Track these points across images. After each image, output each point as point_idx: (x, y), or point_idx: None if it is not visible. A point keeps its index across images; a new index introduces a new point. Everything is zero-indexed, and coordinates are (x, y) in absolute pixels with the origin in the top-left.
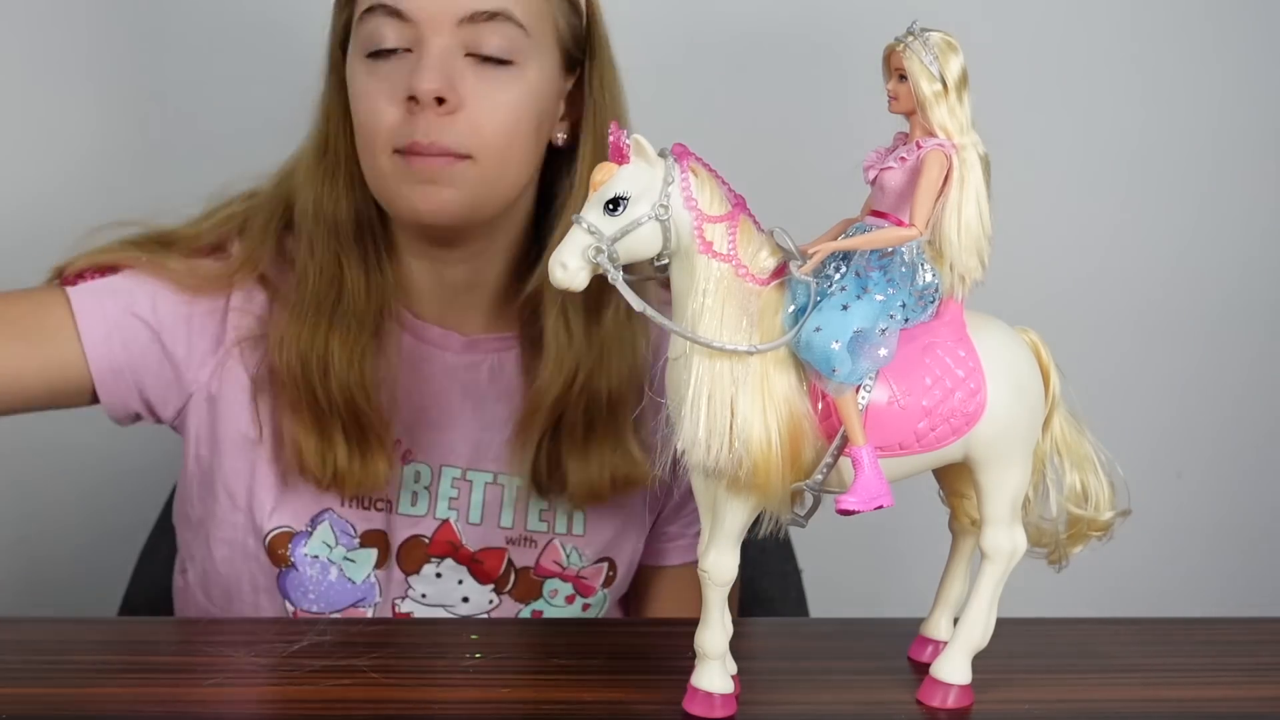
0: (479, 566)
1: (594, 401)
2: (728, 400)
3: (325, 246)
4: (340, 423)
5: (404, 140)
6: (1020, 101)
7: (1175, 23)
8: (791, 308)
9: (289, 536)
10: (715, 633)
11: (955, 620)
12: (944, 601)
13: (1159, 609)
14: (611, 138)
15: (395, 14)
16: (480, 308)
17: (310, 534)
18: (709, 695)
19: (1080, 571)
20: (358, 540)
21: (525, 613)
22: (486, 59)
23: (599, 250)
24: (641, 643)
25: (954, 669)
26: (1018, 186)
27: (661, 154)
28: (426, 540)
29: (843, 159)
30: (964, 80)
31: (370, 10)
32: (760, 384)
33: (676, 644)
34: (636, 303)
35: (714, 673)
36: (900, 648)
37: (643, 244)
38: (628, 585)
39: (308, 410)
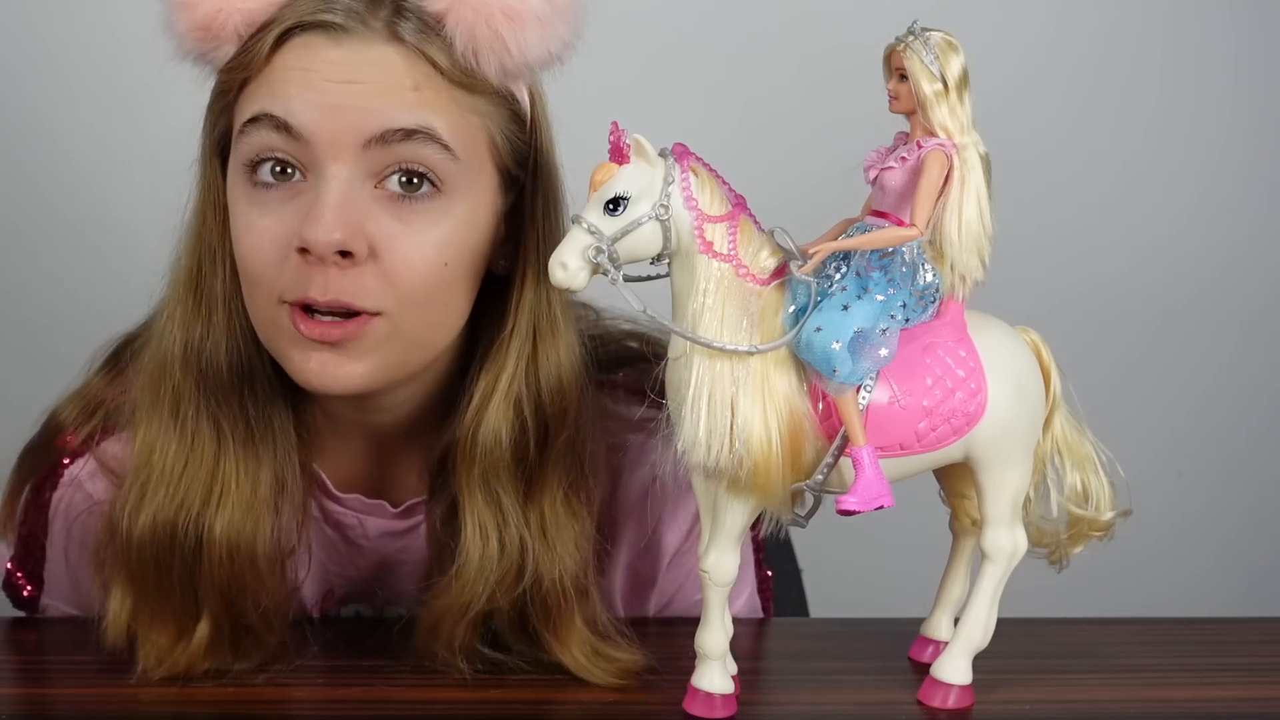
0: None
1: (536, 596)
2: (728, 400)
3: (204, 406)
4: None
5: (294, 294)
6: (1021, 101)
7: (1177, 22)
8: (792, 308)
9: None
10: (715, 633)
11: (956, 620)
12: (944, 602)
13: (1159, 609)
14: (612, 137)
15: (284, 128)
16: (406, 466)
17: None
18: (709, 695)
19: (1080, 571)
20: None
21: None
22: (404, 191)
23: (599, 250)
24: (641, 643)
25: (954, 669)
26: (1018, 186)
27: (662, 154)
28: None
29: (843, 159)
30: (965, 80)
31: (254, 121)
32: (760, 384)
33: (676, 644)
34: (637, 302)
35: (714, 673)
36: (900, 648)
37: (643, 244)
38: None
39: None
